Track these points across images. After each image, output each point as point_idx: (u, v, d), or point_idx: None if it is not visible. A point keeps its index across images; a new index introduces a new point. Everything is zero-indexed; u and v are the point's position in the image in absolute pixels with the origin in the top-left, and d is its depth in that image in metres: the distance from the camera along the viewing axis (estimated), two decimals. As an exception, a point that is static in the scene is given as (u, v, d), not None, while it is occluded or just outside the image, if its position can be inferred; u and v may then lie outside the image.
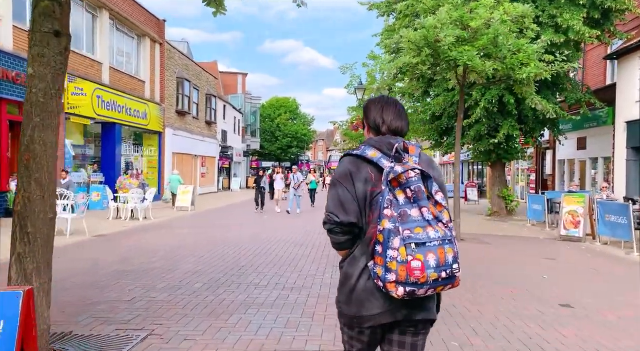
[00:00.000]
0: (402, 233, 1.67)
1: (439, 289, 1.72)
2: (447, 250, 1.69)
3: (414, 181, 1.74)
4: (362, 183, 1.83)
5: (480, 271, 7.11)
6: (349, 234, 1.86)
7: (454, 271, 1.70)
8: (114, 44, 18.37)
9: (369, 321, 1.79)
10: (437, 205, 1.75)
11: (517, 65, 9.61)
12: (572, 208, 11.71)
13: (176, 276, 6.25)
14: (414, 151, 1.90)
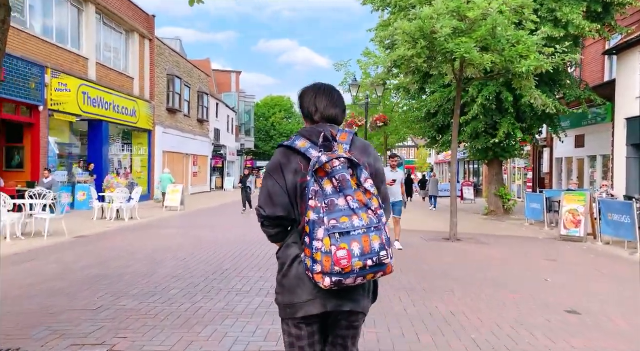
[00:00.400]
0: (328, 223, 1.65)
1: (368, 277, 1.69)
2: (373, 237, 1.67)
3: (338, 170, 1.71)
4: (292, 175, 1.81)
5: (479, 274, 6.69)
6: (279, 227, 1.86)
7: (381, 258, 1.68)
8: (100, 39, 17.84)
9: (300, 309, 1.78)
10: (366, 193, 1.73)
11: (516, 58, 9.20)
12: (572, 207, 11.33)
13: (153, 281, 5.79)
14: (345, 138, 1.85)
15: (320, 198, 1.70)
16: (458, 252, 8.68)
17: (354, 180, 1.74)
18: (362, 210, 1.70)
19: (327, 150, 1.78)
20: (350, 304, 1.81)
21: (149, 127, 21.43)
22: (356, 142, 1.90)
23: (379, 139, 30.20)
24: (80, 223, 11.95)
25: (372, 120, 21.18)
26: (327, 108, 1.94)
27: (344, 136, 1.87)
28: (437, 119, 16.76)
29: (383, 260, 1.69)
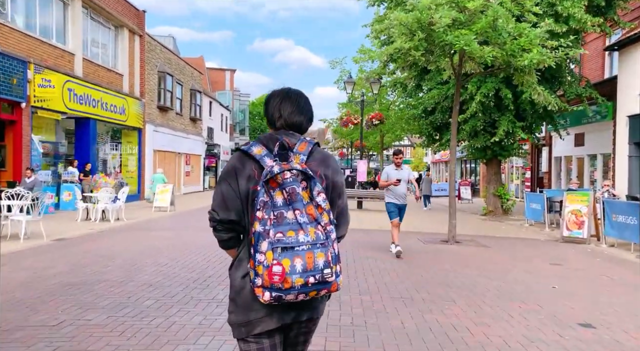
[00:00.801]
0: (274, 236, 1.61)
1: (311, 294, 1.65)
2: (318, 254, 1.62)
3: (288, 182, 1.67)
4: (245, 181, 1.76)
5: (481, 280, 6.24)
6: (232, 232, 1.82)
7: (324, 276, 1.63)
8: (87, 34, 17.28)
9: (257, 325, 1.73)
10: (317, 207, 1.68)
11: (518, 51, 8.75)
12: (575, 208, 10.91)
13: (127, 290, 5.30)
14: (303, 148, 1.80)
15: (269, 210, 1.65)
16: (457, 256, 8.23)
17: (307, 193, 1.68)
18: (311, 224, 1.65)
19: (283, 159, 1.72)
20: (309, 312, 1.79)
21: (139, 125, 20.88)
22: (315, 153, 1.83)
23: (375, 138, 29.81)
24: (62, 225, 11.43)
25: (367, 118, 20.77)
26: (291, 115, 1.88)
27: (303, 146, 1.81)
28: (434, 117, 16.31)
29: (327, 277, 1.63)
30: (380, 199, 19.73)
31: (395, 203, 8.01)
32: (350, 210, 8.42)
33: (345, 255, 7.83)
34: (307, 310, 1.79)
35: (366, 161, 22.76)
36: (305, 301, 1.72)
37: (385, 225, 12.85)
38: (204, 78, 37.30)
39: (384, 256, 7.92)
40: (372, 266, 6.93)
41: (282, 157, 1.73)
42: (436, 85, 15.82)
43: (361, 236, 10.51)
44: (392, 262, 7.35)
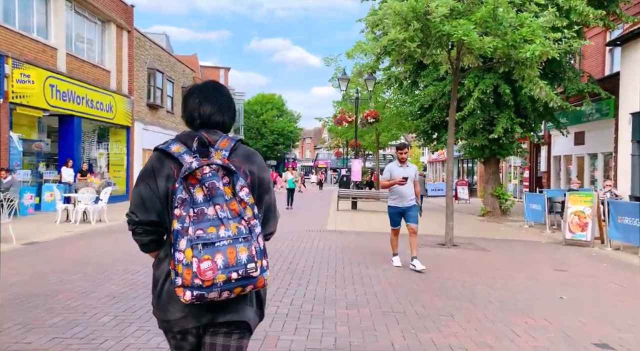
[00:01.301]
0: (193, 233, 1.58)
1: (236, 290, 1.60)
2: (240, 248, 1.59)
3: (207, 177, 1.64)
4: (164, 180, 1.72)
5: (481, 289, 5.70)
6: (152, 234, 1.78)
7: (248, 271, 1.58)
8: (71, 29, 16.64)
9: (175, 325, 1.71)
10: (241, 202, 1.65)
11: (520, 42, 8.22)
12: (578, 209, 10.39)
13: (86, 303, 4.73)
14: (225, 145, 1.76)
15: (187, 207, 1.63)
16: (455, 261, 7.68)
17: (229, 189, 1.67)
18: (234, 219, 1.63)
19: (203, 155, 1.70)
20: (229, 314, 1.73)
21: (127, 123, 20.26)
22: (239, 149, 1.81)
23: (370, 137, 29.25)
24: (38, 227, 10.83)
25: (362, 116, 20.21)
26: (212, 116, 1.83)
27: (225, 142, 1.78)
28: (432, 114, 15.77)
29: (251, 272, 1.60)
30: (375, 199, 19.21)
31: (398, 208, 6.80)
32: (344, 211, 7.90)
33: (334, 261, 7.28)
34: (227, 312, 1.72)
35: (361, 160, 22.25)
36: (225, 302, 1.68)
37: (378, 226, 12.32)
38: (197, 76, 36.69)
39: (375, 261, 7.37)
40: (362, 274, 6.38)
41: (202, 154, 1.70)
42: (432, 82, 15.30)
43: (353, 239, 9.97)
44: (384, 269, 6.80)
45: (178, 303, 1.66)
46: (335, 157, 57.35)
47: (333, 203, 19.30)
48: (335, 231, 11.29)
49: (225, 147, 1.75)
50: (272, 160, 60.52)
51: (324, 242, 9.27)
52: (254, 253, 1.61)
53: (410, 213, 6.75)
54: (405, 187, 6.63)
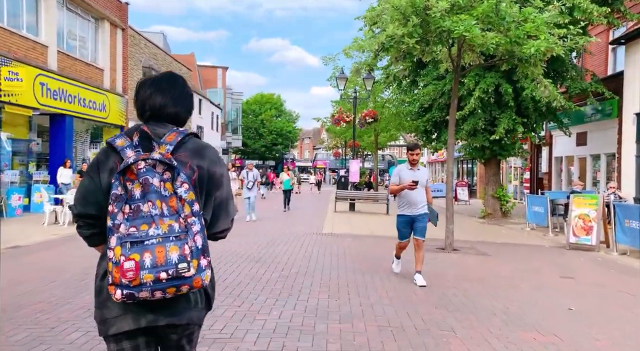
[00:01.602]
0: (126, 230, 1.56)
1: (169, 290, 1.54)
2: (170, 247, 1.53)
3: (142, 172, 1.60)
4: (107, 174, 1.70)
5: (484, 300, 5.34)
6: (94, 227, 1.72)
7: (180, 271, 1.53)
8: (63, 26, 16.28)
9: (112, 325, 1.66)
10: (180, 199, 1.61)
11: (523, 39, 7.87)
12: (582, 212, 10.04)
13: (57, 316, 4.38)
14: (171, 139, 1.70)
15: (120, 203, 1.59)
16: (456, 267, 7.33)
17: (170, 185, 1.61)
18: (171, 217, 1.58)
19: (146, 150, 1.67)
20: (169, 317, 1.66)
21: (122, 122, 19.88)
22: (188, 143, 1.75)
23: (369, 137, 28.88)
24: (24, 230, 10.46)
25: (360, 116, 19.86)
26: (163, 107, 1.79)
27: (172, 136, 1.72)
28: (432, 114, 15.41)
29: (182, 272, 1.53)
30: (373, 200, 18.86)
31: (407, 216, 6.01)
32: (341, 213, 7.43)
33: (329, 268, 6.92)
34: (168, 315, 1.66)
35: (359, 161, 21.88)
36: (165, 303, 1.63)
37: (376, 229, 11.96)
38: (194, 75, 36.32)
39: (372, 268, 7.02)
40: (358, 282, 6.02)
41: (144, 148, 1.67)
42: (432, 81, 14.95)
43: (349, 243, 9.60)
44: (381, 276, 6.44)
45: (117, 301, 1.60)
46: (334, 158, 57.00)
47: (331, 204, 18.94)
48: (332, 234, 10.93)
49: (171, 141, 1.69)
50: (271, 161, 60.14)
51: (318, 247, 8.91)
52: (186, 253, 1.55)
53: (419, 223, 5.98)
54: (416, 192, 5.91)
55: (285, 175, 16.63)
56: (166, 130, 1.73)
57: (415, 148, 6.15)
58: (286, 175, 16.61)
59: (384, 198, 17.65)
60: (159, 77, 1.84)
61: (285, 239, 9.74)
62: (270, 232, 11.04)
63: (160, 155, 1.62)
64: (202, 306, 1.75)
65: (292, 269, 6.68)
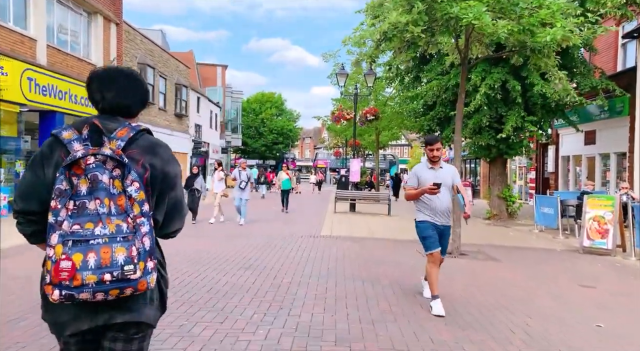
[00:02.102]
0: (69, 228, 1.50)
1: (112, 292, 1.49)
2: (117, 248, 1.49)
3: (90, 168, 1.54)
4: (53, 168, 1.63)
5: (501, 316, 4.73)
6: (36, 224, 1.65)
7: (125, 273, 1.48)
8: (53, 19, 15.70)
9: (67, 326, 1.60)
10: (129, 198, 1.55)
11: (537, 27, 7.27)
12: (597, 213, 9.43)
13: (10, 334, 3.79)
14: (123, 134, 1.64)
15: (64, 199, 1.52)
16: (465, 274, 6.74)
17: (119, 182, 1.56)
18: (118, 216, 1.52)
19: (95, 144, 1.60)
20: (126, 315, 1.61)
21: (115, 120, 19.31)
22: (141, 140, 1.68)
23: (370, 136, 28.28)
24: (7, 232, 9.87)
25: (361, 113, 19.27)
26: (115, 97, 1.72)
27: (123, 131, 1.65)
28: (435, 111, 14.81)
29: (128, 275, 1.49)
30: (374, 201, 18.25)
31: (434, 224, 4.88)
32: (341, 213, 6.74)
33: (326, 275, 6.33)
34: (122, 312, 1.60)
35: (360, 160, 21.28)
36: (118, 302, 1.57)
37: (377, 231, 11.34)
38: (193, 73, 35.76)
39: (373, 275, 6.42)
40: (357, 292, 5.43)
41: (94, 142, 1.60)
42: (436, 76, 14.34)
43: (349, 246, 9.00)
44: (383, 285, 5.85)
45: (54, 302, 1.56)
46: (334, 157, 56.40)
47: (331, 204, 18.35)
48: (330, 236, 10.33)
49: (122, 136, 1.63)
50: (271, 160, 59.58)
51: (315, 251, 8.31)
52: (134, 254, 1.51)
53: (444, 241, 4.99)
54: (439, 197, 4.79)
55: (284, 175, 15.97)
56: (118, 124, 1.67)
57: (434, 142, 4.93)
58: (285, 175, 15.96)
59: (386, 199, 17.05)
60: (110, 68, 1.78)
61: (281, 242, 9.15)
62: (265, 234, 10.45)
63: (111, 151, 1.54)
64: (157, 305, 1.70)
65: (285, 277, 6.08)
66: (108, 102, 1.71)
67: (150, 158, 1.66)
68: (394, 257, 7.95)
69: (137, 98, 1.78)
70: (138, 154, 1.63)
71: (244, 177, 12.25)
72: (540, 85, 12.15)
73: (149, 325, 1.69)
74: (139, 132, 1.68)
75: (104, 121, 1.66)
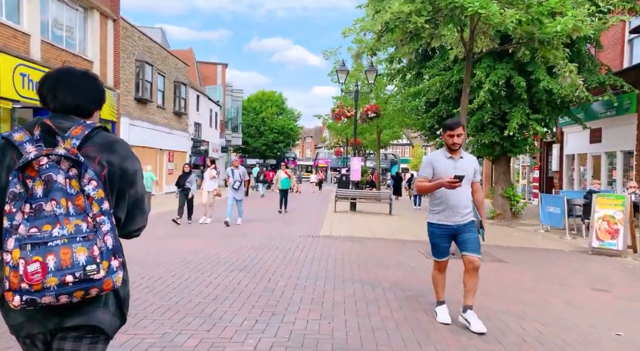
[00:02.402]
0: (26, 231, 1.46)
1: (77, 294, 1.45)
2: (77, 249, 1.45)
3: (44, 169, 1.50)
4: (6, 172, 1.57)
5: (511, 323, 4.39)
6: None
7: (88, 273, 1.44)
8: (48, 14, 15.39)
9: (21, 329, 1.59)
10: (88, 197, 1.51)
11: (547, 16, 6.92)
12: (607, 213, 9.07)
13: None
14: (77, 132, 1.60)
15: (19, 202, 1.49)
16: (470, 277, 6.37)
17: (76, 182, 1.51)
18: (77, 216, 1.48)
19: (49, 144, 1.56)
20: (78, 318, 1.57)
21: (112, 117, 18.98)
22: (97, 137, 1.63)
23: (371, 135, 27.94)
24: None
25: (362, 111, 18.93)
26: (67, 96, 1.68)
27: (78, 129, 1.61)
28: (438, 108, 14.46)
29: (91, 275, 1.45)
30: (375, 200, 17.89)
31: (446, 227, 4.18)
32: (342, 213, 6.19)
33: (323, 278, 5.98)
34: (76, 316, 1.56)
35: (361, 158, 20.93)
36: (74, 305, 1.54)
37: (379, 231, 10.98)
38: (193, 71, 35.45)
39: (374, 278, 6.08)
40: (357, 296, 5.08)
41: (47, 142, 1.57)
42: (439, 72, 13.99)
43: (349, 247, 8.66)
44: (384, 288, 5.50)
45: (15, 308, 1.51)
46: (335, 156, 56.07)
47: (331, 203, 18.01)
48: (330, 236, 9.99)
49: (77, 134, 1.59)
50: (272, 159, 59.26)
51: (314, 251, 7.97)
52: (95, 254, 1.47)
53: (467, 235, 4.12)
54: (459, 192, 4.04)
55: (283, 174, 15.58)
56: (72, 123, 1.64)
57: (456, 127, 4.09)
58: (284, 174, 15.58)
59: (387, 198, 16.70)
60: (63, 67, 1.77)
61: (278, 242, 8.81)
62: (263, 234, 10.11)
63: (65, 150, 1.52)
64: (113, 310, 1.63)
65: (280, 280, 5.74)
66: (60, 101, 1.68)
67: (107, 155, 1.62)
68: (396, 258, 7.61)
69: (91, 96, 1.73)
70: (94, 152, 1.60)
71: (237, 175, 11.57)
72: (547, 81, 11.82)
73: (102, 330, 1.60)
74: (95, 130, 1.63)
75: (57, 120, 1.63)
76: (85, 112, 1.72)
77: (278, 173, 16.14)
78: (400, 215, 15.43)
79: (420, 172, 4.36)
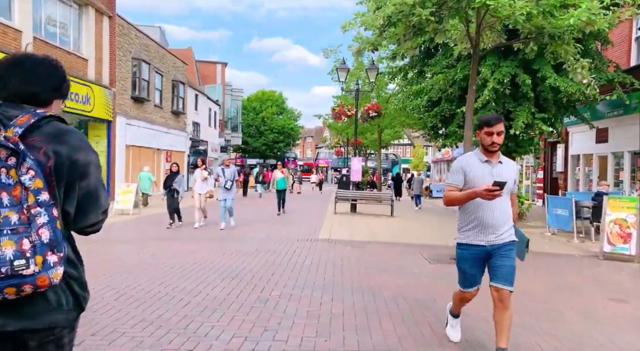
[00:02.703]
0: None
1: (8, 291, 1.37)
2: (4, 242, 1.37)
3: None
4: None
5: (523, 337, 4.01)
6: None
7: (16, 269, 1.37)
8: (41, 11, 15.04)
9: None
10: (25, 188, 1.45)
11: (559, 9, 6.54)
12: (619, 216, 8.69)
13: None
14: (22, 121, 1.53)
15: None
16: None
17: (13, 172, 1.45)
18: (10, 208, 1.40)
19: None
20: (23, 321, 1.47)
21: (108, 116, 18.62)
22: (45, 127, 1.57)
23: (372, 134, 27.56)
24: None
25: (363, 110, 18.54)
26: (20, 84, 1.60)
27: (24, 118, 1.54)
28: (440, 107, 14.08)
29: (19, 270, 1.37)
30: (376, 201, 17.51)
31: (479, 248, 3.40)
32: (342, 214, 5.65)
33: (320, 287, 5.60)
34: (21, 318, 1.46)
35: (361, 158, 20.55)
36: (18, 305, 1.45)
37: (380, 234, 10.57)
38: (192, 70, 35.09)
39: (375, 286, 5.70)
40: (357, 309, 4.70)
41: None
42: (442, 70, 13.60)
43: (349, 252, 8.27)
44: (385, 299, 5.12)
45: None
46: (336, 157, 55.69)
47: (331, 204, 17.63)
48: (329, 240, 9.61)
49: (22, 123, 1.52)
50: (272, 159, 58.92)
51: (311, 257, 7.58)
52: (25, 248, 1.39)
53: (501, 261, 3.31)
54: (495, 204, 3.27)
55: (279, 173, 15.17)
56: (20, 111, 1.56)
57: (496, 123, 3.35)
58: (280, 173, 15.17)
59: (388, 199, 16.31)
60: (15, 54, 1.65)
61: (274, 247, 8.43)
62: (258, 237, 9.73)
63: (4, 138, 1.43)
64: (68, 308, 1.54)
65: (274, 289, 5.36)
66: (12, 89, 1.59)
67: (54, 145, 1.55)
68: (398, 263, 7.24)
69: (47, 84, 1.63)
70: (40, 142, 1.53)
71: (228, 175, 10.85)
72: (553, 79, 11.44)
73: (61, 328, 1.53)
74: (44, 119, 1.56)
75: (5, 109, 1.58)
76: (42, 102, 1.63)
77: (274, 174, 15.73)
78: (401, 217, 15.05)
79: (448, 178, 3.53)
